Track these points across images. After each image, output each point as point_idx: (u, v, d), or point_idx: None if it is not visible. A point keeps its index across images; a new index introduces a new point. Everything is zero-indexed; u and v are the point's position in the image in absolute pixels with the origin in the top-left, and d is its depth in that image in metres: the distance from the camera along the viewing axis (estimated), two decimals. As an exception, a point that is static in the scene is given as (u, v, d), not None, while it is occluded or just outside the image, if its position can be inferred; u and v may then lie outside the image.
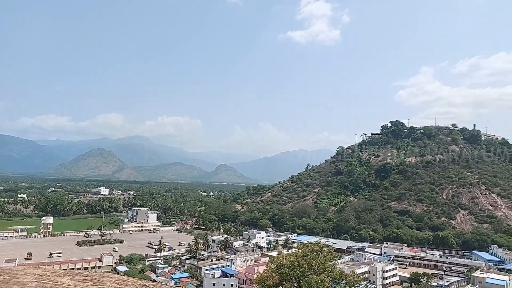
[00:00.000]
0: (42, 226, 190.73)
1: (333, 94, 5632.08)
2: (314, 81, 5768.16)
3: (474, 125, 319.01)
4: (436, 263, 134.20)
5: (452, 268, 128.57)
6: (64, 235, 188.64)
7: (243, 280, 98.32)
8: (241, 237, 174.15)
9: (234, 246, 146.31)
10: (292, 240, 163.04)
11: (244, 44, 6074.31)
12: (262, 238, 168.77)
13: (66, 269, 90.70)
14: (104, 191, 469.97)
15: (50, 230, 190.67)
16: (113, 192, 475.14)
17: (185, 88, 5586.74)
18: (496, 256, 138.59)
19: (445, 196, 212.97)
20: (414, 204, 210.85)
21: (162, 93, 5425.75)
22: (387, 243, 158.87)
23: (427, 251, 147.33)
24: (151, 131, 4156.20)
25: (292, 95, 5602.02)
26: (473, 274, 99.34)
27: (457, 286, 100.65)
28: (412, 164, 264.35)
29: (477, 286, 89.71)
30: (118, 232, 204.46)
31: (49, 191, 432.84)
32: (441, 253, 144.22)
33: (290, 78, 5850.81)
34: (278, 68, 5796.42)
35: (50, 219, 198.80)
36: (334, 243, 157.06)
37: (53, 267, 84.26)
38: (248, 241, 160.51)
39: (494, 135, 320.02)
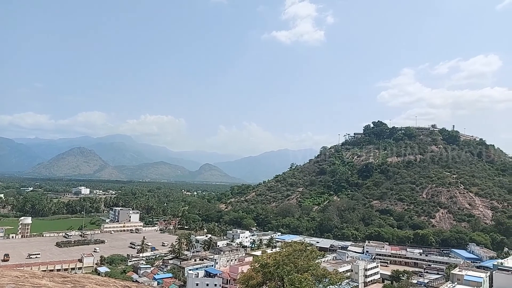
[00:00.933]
0: (20, 226, 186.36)
1: (317, 94, 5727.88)
2: (298, 81, 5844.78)
3: (453, 126, 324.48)
4: (416, 261, 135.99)
5: (432, 265, 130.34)
6: (43, 236, 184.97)
7: (227, 279, 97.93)
8: (225, 237, 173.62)
9: (218, 246, 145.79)
10: (276, 239, 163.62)
11: (228, 43, 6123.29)
12: (246, 237, 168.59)
13: (45, 271, 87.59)
14: (85, 190, 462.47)
15: (29, 230, 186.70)
16: (94, 192, 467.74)
17: (169, 87, 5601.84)
18: (473, 254, 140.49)
19: (425, 195, 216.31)
20: (395, 203, 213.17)
21: (146, 91, 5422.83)
22: (369, 242, 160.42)
23: (407, 249, 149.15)
24: (133, 130, 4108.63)
25: (276, 95, 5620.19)
26: (452, 272, 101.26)
27: (436, 283, 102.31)
28: (394, 164, 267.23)
29: (456, 283, 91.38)
30: (99, 232, 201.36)
31: (28, 190, 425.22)
32: (421, 251, 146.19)
33: (274, 78, 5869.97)
34: (262, 68, 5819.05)
35: (28, 220, 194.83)
36: (318, 242, 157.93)
37: (31, 269, 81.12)
38: (232, 241, 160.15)
39: (472, 136, 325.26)
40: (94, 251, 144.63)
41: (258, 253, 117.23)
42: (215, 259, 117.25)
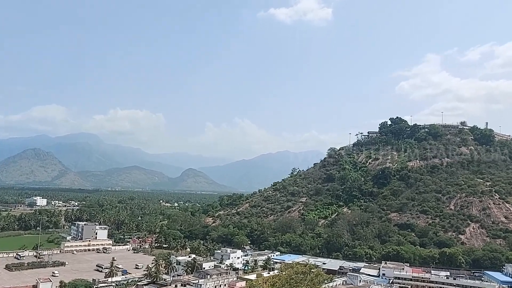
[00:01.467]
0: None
1: (323, 85, 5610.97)
2: (300, 69, 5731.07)
3: (486, 123, 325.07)
4: (442, 286, 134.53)
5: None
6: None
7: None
8: (212, 257, 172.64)
9: (204, 268, 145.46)
10: (275, 260, 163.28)
11: (217, 24, 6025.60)
12: (238, 258, 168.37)
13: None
14: (41, 201, 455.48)
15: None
16: (53, 203, 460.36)
17: (145, 75, 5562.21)
18: (511, 277, 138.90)
19: (453, 207, 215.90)
20: (417, 216, 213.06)
21: (116, 81, 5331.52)
22: (386, 263, 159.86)
23: (432, 271, 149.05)
24: (101, 127, 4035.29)
25: (274, 86, 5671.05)
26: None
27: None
28: (416, 169, 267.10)
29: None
30: (58, 252, 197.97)
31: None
32: (448, 273, 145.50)
33: (272, 66, 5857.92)
34: (257, 53, 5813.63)
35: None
36: (324, 263, 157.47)
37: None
38: (220, 262, 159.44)
39: (509, 136, 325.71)
40: (53, 275, 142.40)
41: (253, 277, 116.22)
42: (200, 285, 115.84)
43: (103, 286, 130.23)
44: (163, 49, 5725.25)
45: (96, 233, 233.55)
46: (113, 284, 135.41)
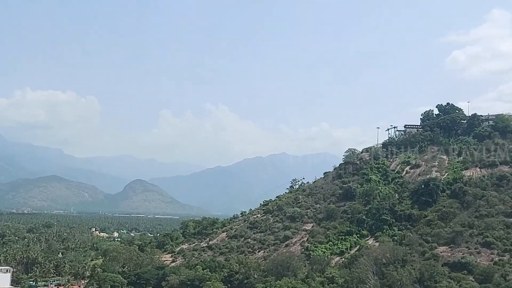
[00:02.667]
0: None
1: (338, 56, 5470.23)
2: (304, 32, 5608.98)
3: None
4: None
5: None
6: None
7: None
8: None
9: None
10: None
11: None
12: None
13: None
14: None
15: None
16: None
17: (68, 39, 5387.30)
18: None
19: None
20: (477, 252, 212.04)
21: (24, 47, 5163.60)
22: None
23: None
24: (1, 116, 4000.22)
25: (265, 55, 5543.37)
26: None
27: None
28: (475, 181, 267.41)
29: None
30: None
31: None
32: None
33: (261, 24, 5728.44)
34: (237, 4, 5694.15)
35: None
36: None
37: None
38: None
39: None
40: None
41: None
42: None
43: None
44: (97, 7, 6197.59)
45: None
46: None
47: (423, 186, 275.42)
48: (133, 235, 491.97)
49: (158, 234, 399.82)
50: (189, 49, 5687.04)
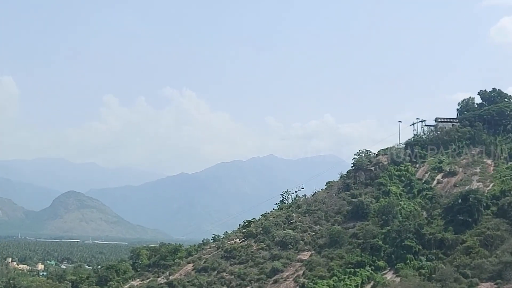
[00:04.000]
0: None
1: (345, 22, 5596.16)
2: None
3: None
4: None
5: None
6: None
7: None
8: None
9: None
10: None
11: None
12: None
13: None
14: None
15: None
16: None
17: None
18: None
19: None
20: None
21: None
22: None
23: None
24: None
25: (244, 23, 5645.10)
26: None
27: None
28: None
29: None
30: None
31: None
32: None
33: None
34: None
35: None
36: None
37: None
38: None
39: None
40: None
41: None
42: None
43: None
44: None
45: None
46: None
47: (460, 201, 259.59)
48: (64, 267, 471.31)
49: (100, 267, 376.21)
50: (139, 9, 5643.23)
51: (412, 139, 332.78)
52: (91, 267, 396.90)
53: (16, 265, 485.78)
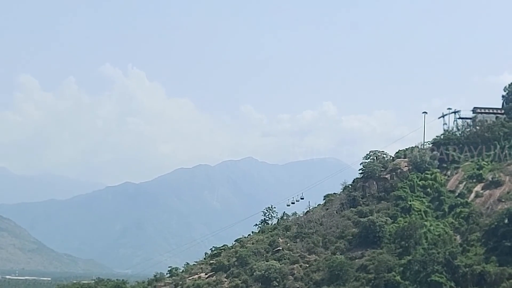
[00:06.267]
0: None
1: None
2: None
3: None
4: None
5: None
6: None
7: None
8: None
9: None
10: None
11: None
12: None
13: None
14: None
15: None
16: None
17: None
18: None
19: None
20: None
21: None
22: None
23: None
24: None
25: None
26: None
27: None
28: None
29: None
30: None
31: None
32: None
33: None
34: None
35: None
36: None
37: None
38: None
39: None
40: None
41: None
42: None
43: None
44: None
45: None
46: None
47: (506, 221, 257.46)
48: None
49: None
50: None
51: (442, 137, 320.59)
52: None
53: None
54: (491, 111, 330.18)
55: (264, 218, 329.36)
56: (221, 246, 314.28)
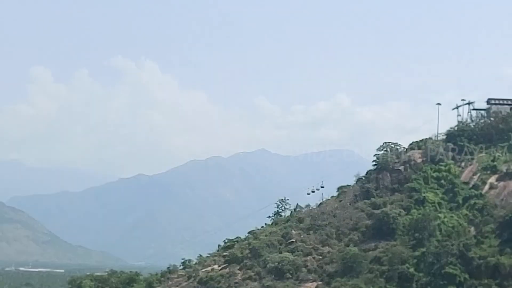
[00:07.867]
0: None
1: None
2: None
3: None
4: None
5: None
6: None
7: None
8: None
9: None
10: None
11: None
12: None
13: None
14: None
15: None
16: None
17: None
18: None
19: None
20: None
21: None
22: None
23: None
24: None
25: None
26: None
27: None
28: None
29: None
30: None
31: None
32: None
33: None
34: None
35: None
36: None
37: None
38: None
39: None
40: None
41: None
42: None
43: None
44: None
45: None
46: None
47: None
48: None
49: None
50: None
51: (456, 128, 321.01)
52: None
53: None
54: (505, 102, 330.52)
55: (277, 210, 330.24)
56: (234, 238, 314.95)
